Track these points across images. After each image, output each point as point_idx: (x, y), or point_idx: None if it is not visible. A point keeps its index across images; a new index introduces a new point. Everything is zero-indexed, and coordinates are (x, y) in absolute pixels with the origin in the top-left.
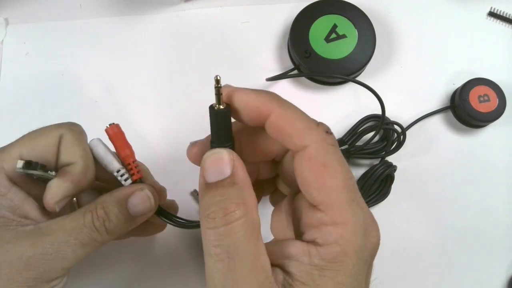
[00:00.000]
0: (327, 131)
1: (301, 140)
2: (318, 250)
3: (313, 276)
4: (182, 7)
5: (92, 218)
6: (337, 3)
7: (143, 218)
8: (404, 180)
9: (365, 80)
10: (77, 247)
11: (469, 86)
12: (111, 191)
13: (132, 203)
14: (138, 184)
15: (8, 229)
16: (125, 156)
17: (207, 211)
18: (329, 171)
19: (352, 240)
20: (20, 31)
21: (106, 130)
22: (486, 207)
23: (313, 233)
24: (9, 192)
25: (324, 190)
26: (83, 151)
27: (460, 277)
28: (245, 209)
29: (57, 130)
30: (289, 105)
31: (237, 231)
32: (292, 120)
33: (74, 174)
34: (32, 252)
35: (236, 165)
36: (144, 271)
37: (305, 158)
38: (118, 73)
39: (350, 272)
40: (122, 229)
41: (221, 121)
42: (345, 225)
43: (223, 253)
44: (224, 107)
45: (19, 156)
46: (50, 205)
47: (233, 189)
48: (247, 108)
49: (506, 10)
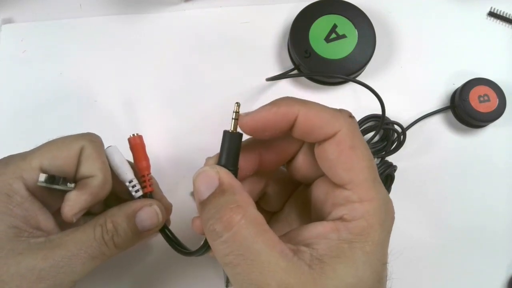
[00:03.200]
0: (349, 115)
1: (331, 128)
2: (346, 226)
3: (343, 249)
4: (182, 7)
5: (102, 232)
6: (337, 3)
7: (150, 233)
8: (404, 180)
9: (365, 80)
10: (87, 260)
11: (469, 86)
12: (119, 205)
13: (140, 218)
14: (147, 200)
15: (20, 240)
16: (142, 168)
17: (207, 225)
18: (356, 153)
19: (377, 214)
20: (17, 29)
21: (129, 139)
22: (486, 207)
23: (340, 211)
24: (26, 201)
25: (353, 170)
26: (102, 164)
27: (460, 277)
28: (241, 210)
29: (78, 142)
30: (308, 102)
31: (242, 232)
32: (318, 113)
33: (93, 187)
34: (43, 265)
35: (221, 174)
36: (145, 271)
37: (334, 143)
38: (117, 72)
39: (377, 242)
40: (129, 243)
41: (232, 145)
42: (371, 202)
43: (237, 257)
44: (236, 133)
45: (39, 167)
46: (68, 217)
47: (224, 197)
48: (274, 121)
49: (506, 10)
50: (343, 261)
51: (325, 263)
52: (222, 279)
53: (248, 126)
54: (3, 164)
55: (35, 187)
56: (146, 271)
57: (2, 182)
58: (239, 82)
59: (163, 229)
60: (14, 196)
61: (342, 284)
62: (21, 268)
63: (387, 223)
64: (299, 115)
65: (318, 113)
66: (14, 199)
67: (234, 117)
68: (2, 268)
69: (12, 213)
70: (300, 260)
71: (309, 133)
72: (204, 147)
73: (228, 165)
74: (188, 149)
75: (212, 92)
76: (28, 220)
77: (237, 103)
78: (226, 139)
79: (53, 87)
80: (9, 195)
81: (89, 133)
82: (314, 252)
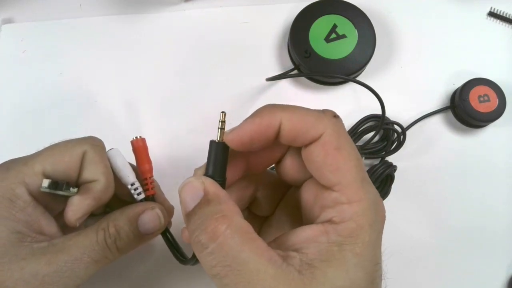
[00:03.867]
0: (334, 115)
1: (315, 131)
2: (335, 228)
3: (333, 252)
4: (182, 7)
5: (105, 236)
6: (337, 3)
7: (152, 236)
8: (404, 180)
9: (365, 80)
10: (90, 265)
11: (469, 86)
12: (122, 208)
13: (142, 221)
14: (149, 203)
15: (23, 246)
16: (144, 171)
17: (193, 237)
18: (342, 153)
19: (366, 215)
20: (17, 29)
21: (132, 142)
22: (486, 207)
23: (328, 213)
24: (28, 206)
25: (339, 172)
26: (105, 168)
27: (460, 277)
28: (226, 219)
29: (80, 147)
30: (290, 107)
31: (227, 242)
32: (301, 118)
33: (96, 192)
34: (47, 270)
35: (206, 184)
36: (145, 271)
37: (320, 145)
38: (117, 72)
39: (367, 243)
40: (131, 246)
41: (218, 155)
42: (359, 203)
43: (224, 269)
44: (223, 142)
45: (42, 171)
46: (71, 222)
47: (209, 207)
48: (259, 132)
49: (506, 10)
50: (333, 265)
51: (315, 268)
52: None
53: (234, 142)
54: (5, 169)
55: (38, 192)
56: (146, 271)
57: (5, 187)
58: (239, 82)
59: (165, 233)
60: (17, 201)
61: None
62: (24, 274)
63: (377, 223)
64: (283, 122)
65: (301, 117)
66: (16, 204)
67: (220, 127)
68: (6, 273)
69: (15, 218)
70: (290, 266)
71: (295, 139)
72: (203, 147)
73: (215, 175)
74: (188, 149)
75: (212, 92)
76: (31, 225)
77: (222, 112)
78: (212, 149)
79: (53, 87)
80: (11, 200)
81: (91, 137)
82: (304, 256)
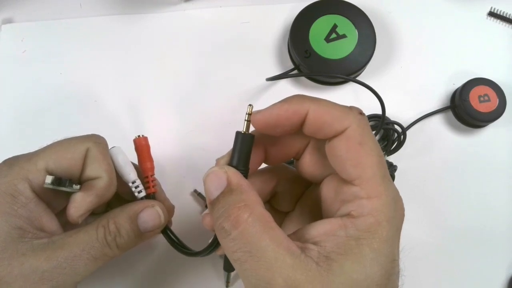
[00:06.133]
0: (360, 112)
1: (340, 125)
2: (353, 222)
3: (351, 246)
4: (182, 7)
5: (105, 233)
6: (337, 3)
7: (152, 234)
8: (404, 180)
9: (365, 80)
10: (89, 261)
11: (469, 86)
12: (122, 206)
13: (142, 219)
14: (149, 201)
15: (23, 241)
16: (146, 169)
17: (217, 224)
18: (365, 149)
19: (385, 211)
20: (17, 29)
21: (135, 140)
22: (486, 207)
23: (347, 207)
24: (30, 202)
25: (360, 167)
26: (107, 165)
27: (460, 277)
28: (248, 209)
29: (83, 144)
30: (319, 99)
31: (249, 230)
32: (328, 110)
33: (99, 189)
34: (47, 266)
35: (229, 174)
36: (146, 271)
37: (344, 139)
38: (117, 72)
39: (385, 239)
40: (131, 244)
41: (243, 146)
42: (379, 198)
43: (244, 254)
44: (249, 134)
45: (45, 168)
46: (74, 218)
47: (232, 196)
48: (285, 118)
49: (506, 10)
50: (350, 258)
51: (332, 260)
52: (222, 280)
53: (260, 123)
54: (8, 165)
55: (40, 188)
56: (146, 271)
57: (7, 183)
58: (239, 82)
59: (165, 231)
60: (19, 197)
61: (349, 281)
62: (24, 269)
63: (396, 220)
64: (310, 112)
65: (328, 110)
66: (18, 200)
67: (247, 119)
68: (6, 269)
69: (17, 214)
70: (308, 257)
71: (319, 130)
72: (203, 147)
73: (239, 165)
74: (188, 149)
75: (212, 92)
76: (32, 221)
77: (250, 105)
78: (238, 140)
79: (53, 87)
80: (14, 196)
81: (94, 135)
82: (322, 249)
